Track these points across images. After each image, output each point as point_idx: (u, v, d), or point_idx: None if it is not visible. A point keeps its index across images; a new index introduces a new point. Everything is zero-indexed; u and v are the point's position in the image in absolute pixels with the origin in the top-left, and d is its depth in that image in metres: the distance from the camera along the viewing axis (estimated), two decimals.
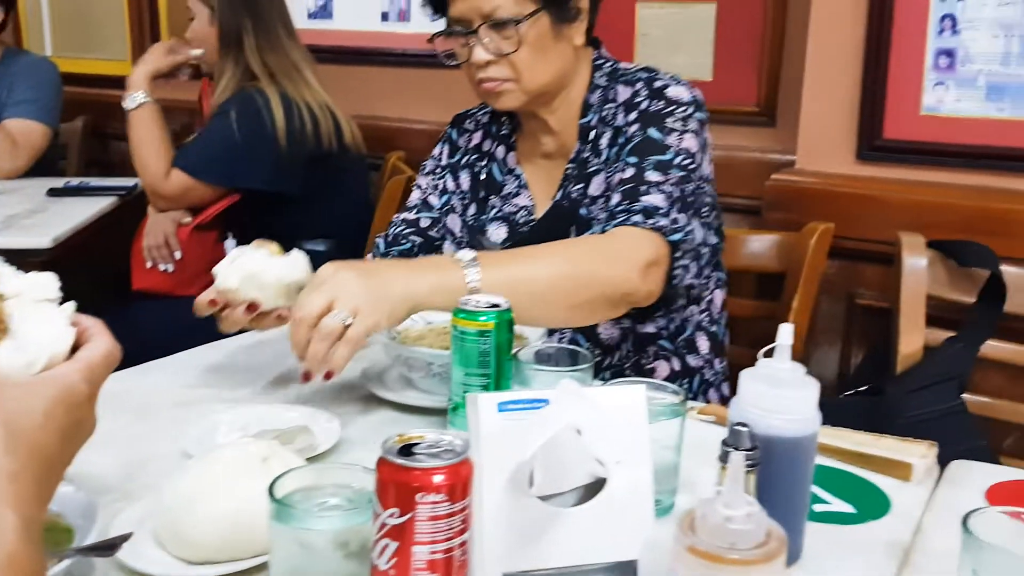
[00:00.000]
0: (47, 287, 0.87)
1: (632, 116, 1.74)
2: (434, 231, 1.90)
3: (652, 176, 1.65)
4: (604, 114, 1.79)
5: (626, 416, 1.02)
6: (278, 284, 1.49)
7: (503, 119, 1.90)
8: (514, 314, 1.35)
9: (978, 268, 2.08)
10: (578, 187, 1.78)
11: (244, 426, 1.40)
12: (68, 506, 1.06)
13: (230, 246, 3.10)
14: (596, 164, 1.77)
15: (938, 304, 2.11)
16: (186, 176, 2.89)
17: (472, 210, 1.89)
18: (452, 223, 1.90)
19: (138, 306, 2.96)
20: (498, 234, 1.86)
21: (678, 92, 1.74)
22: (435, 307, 1.42)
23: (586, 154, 1.79)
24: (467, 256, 1.42)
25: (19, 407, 0.77)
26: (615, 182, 1.70)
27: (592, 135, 1.79)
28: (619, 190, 1.67)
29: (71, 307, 0.88)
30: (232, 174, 2.90)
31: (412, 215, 1.92)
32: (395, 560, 0.86)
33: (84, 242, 3.17)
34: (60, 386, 0.81)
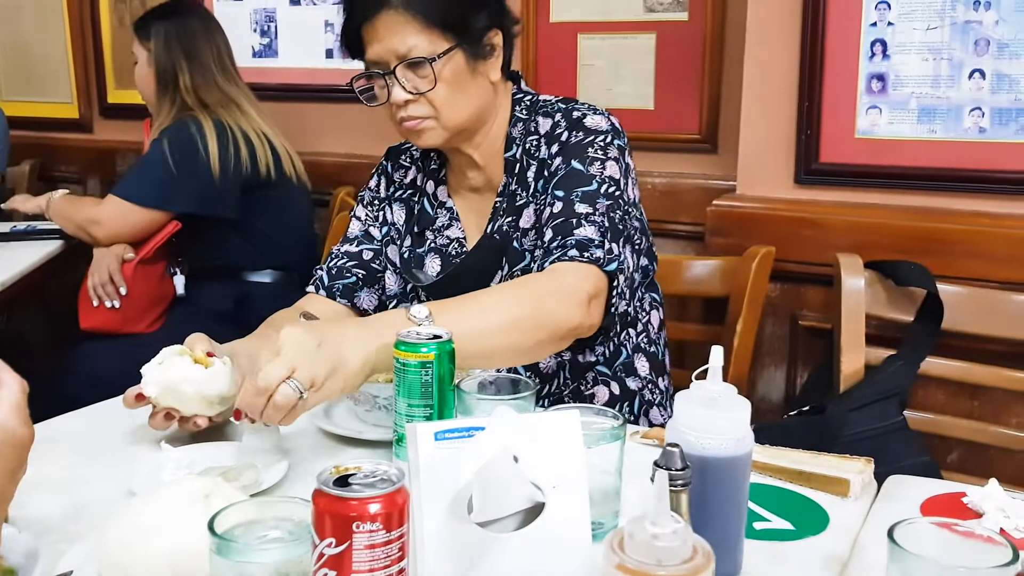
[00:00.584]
0: None
1: (554, 148, 1.77)
2: (376, 263, 1.91)
3: (581, 208, 1.68)
4: (528, 146, 1.81)
5: (562, 441, 1.04)
6: (196, 396, 1.49)
7: (432, 154, 1.93)
8: (468, 361, 1.38)
9: (915, 287, 2.12)
10: (508, 219, 1.80)
11: (190, 464, 1.41)
12: (10, 547, 1.06)
13: (179, 282, 3.12)
14: (524, 197, 1.80)
15: (878, 323, 2.15)
16: (120, 201, 2.97)
17: (407, 242, 1.91)
18: (392, 254, 1.92)
19: (87, 346, 2.95)
20: (432, 266, 1.88)
21: (596, 121, 1.78)
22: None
23: (513, 187, 1.81)
24: (422, 314, 1.42)
25: None
26: (545, 216, 1.72)
27: (517, 168, 1.81)
28: (551, 225, 1.69)
29: None
30: (165, 197, 2.96)
31: (354, 247, 1.93)
32: None
33: (33, 285, 3.17)
34: (5, 431, 0.82)
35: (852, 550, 1.21)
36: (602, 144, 1.75)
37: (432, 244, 1.90)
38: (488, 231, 1.83)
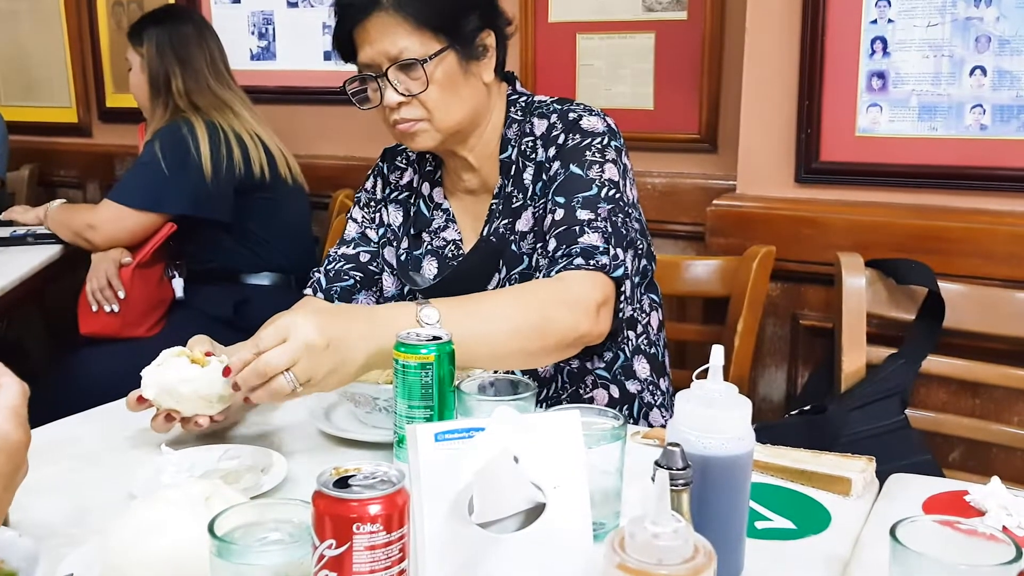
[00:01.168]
0: None
1: (552, 152, 1.77)
2: (373, 265, 1.91)
3: (583, 215, 1.68)
4: (523, 148, 1.81)
5: (562, 442, 1.04)
6: (194, 396, 1.48)
7: (427, 156, 1.92)
8: (475, 363, 1.39)
9: (916, 285, 2.11)
10: (504, 222, 1.80)
11: (190, 467, 1.41)
12: (11, 551, 1.06)
13: (177, 285, 3.12)
14: (521, 199, 1.79)
15: (879, 322, 2.15)
16: (115, 204, 2.98)
17: (404, 244, 1.91)
18: (389, 255, 1.91)
19: (86, 351, 2.95)
20: (429, 269, 1.88)
21: (592, 123, 1.77)
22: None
23: (509, 189, 1.81)
24: (432, 318, 1.42)
25: None
26: (547, 224, 1.72)
27: (513, 170, 1.81)
28: (554, 234, 1.69)
29: None
30: (158, 199, 2.97)
31: (351, 250, 1.93)
32: None
33: (32, 291, 3.16)
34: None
35: (854, 549, 1.20)
36: (600, 146, 1.74)
37: (429, 246, 1.89)
38: (484, 233, 1.82)
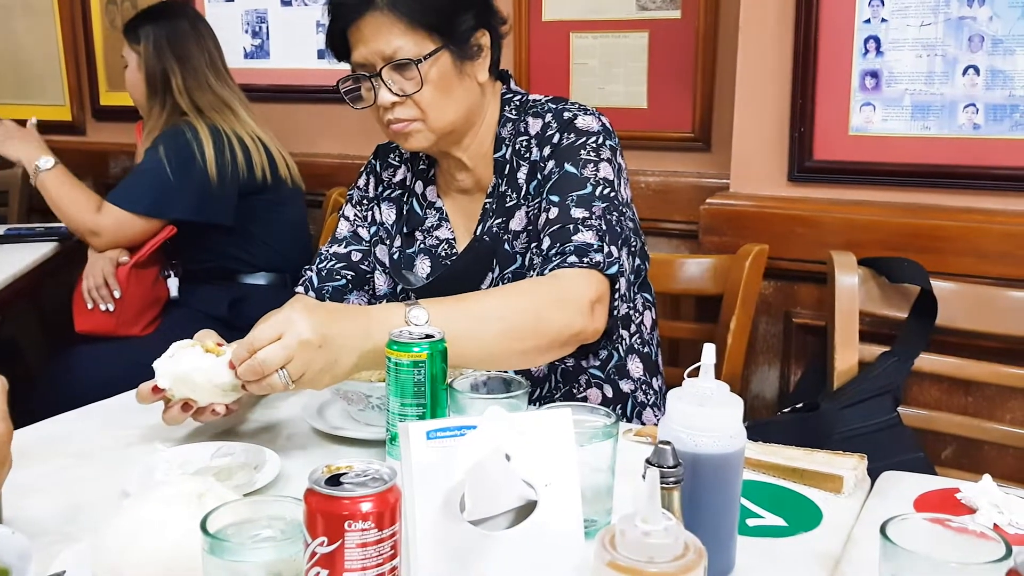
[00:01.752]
0: None
1: (546, 151, 1.77)
2: (365, 264, 1.91)
3: (577, 213, 1.68)
4: (517, 147, 1.81)
5: (554, 439, 1.04)
6: (208, 384, 1.47)
7: (420, 154, 1.92)
8: (466, 363, 1.41)
9: (909, 284, 2.12)
10: (498, 221, 1.80)
11: (183, 464, 1.41)
12: (4, 548, 1.05)
13: (172, 285, 3.11)
14: (515, 199, 1.79)
15: (872, 320, 2.15)
16: (118, 209, 2.95)
17: (397, 243, 1.91)
18: (381, 254, 1.91)
19: (81, 349, 2.94)
20: (422, 267, 1.88)
21: (587, 122, 1.77)
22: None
23: (503, 188, 1.81)
24: (421, 319, 1.42)
25: None
26: (541, 223, 1.72)
27: (507, 169, 1.81)
28: (548, 232, 1.69)
29: None
30: (162, 205, 2.95)
31: (343, 249, 1.93)
32: None
33: (27, 287, 3.16)
34: None
35: (845, 546, 1.21)
36: (594, 145, 1.75)
37: (422, 245, 1.89)
38: (477, 233, 1.82)
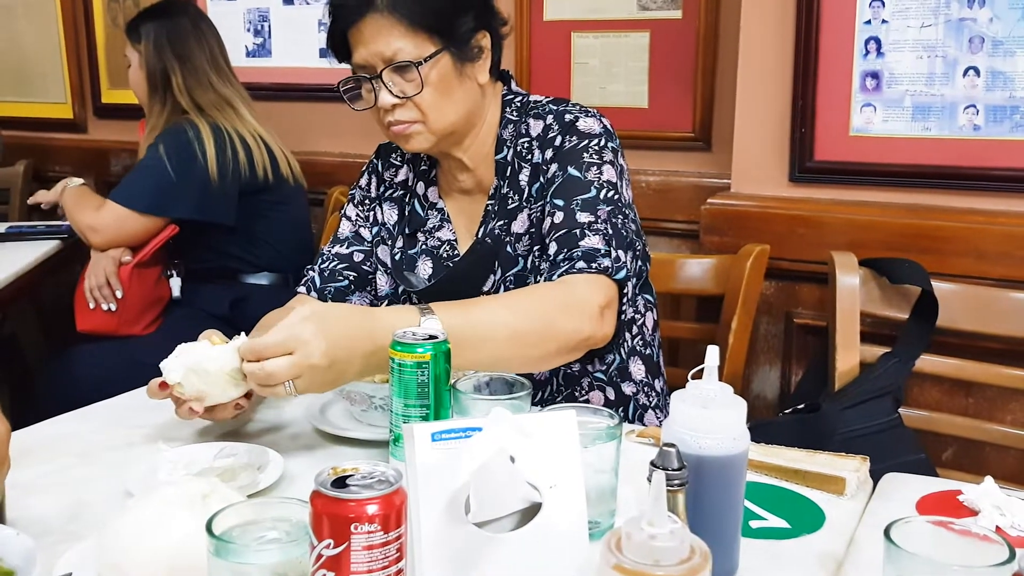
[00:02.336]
0: None
1: (548, 153, 1.77)
2: (367, 265, 1.91)
3: (583, 217, 1.68)
4: (519, 148, 1.80)
5: (558, 441, 1.05)
6: (221, 373, 1.46)
7: (421, 155, 1.91)
8: (475, 367, 1.41)
9: (910, 285, 2.12)
10: (500, 223, 1.80)
11: (187, 464, 1.41)
12: (8, 549, 1.06)
13: (175, 284, 3.11)
14: (517, 200, 1.79)
15: (873, 321, 2.15)
16: (119, 207, 2.95)
17: (399, 243, 1.91)
18: (383, 254, 1.91)
19: (83, 348, 2.94)
20: (424, 268, 1.87)
21: (589, 124, 1.77)
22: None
23: (505, 190, 1.81)
24: (435, 329, 1.42)
25: None
26: (546, 227, 1.72)
27: (509, 171, 1.81)
28: (554, 238, 1.69)
29: None
30: (163, 204, 2.95)
31: (345, 249, 1.93)
32: None
33: (28, 286, 3.16)
34: None
35: (848, 548, 1.21)
36: (597, 148, 1.74)
37: (424, 246, 1.89)
38: (479, 234, 1.82)
